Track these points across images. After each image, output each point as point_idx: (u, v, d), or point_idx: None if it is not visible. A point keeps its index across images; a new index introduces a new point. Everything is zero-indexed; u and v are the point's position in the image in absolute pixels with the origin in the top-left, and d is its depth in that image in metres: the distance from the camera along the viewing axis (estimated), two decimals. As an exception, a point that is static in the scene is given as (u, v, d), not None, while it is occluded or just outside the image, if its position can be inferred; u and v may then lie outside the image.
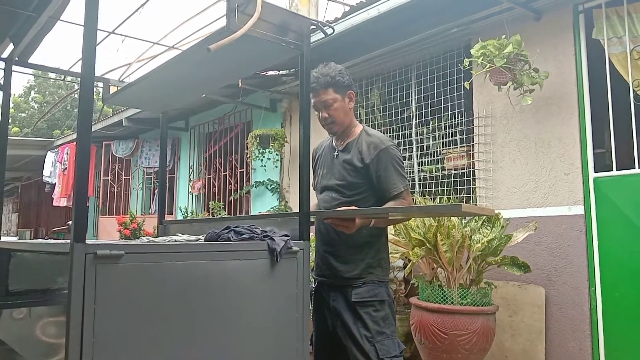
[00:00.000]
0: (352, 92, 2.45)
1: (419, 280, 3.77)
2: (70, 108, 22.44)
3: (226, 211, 7.36)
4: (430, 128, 4.96)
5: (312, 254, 2.86)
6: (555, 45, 3.97)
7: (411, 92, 5.16)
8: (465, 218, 3.71)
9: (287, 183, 6.60)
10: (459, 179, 4.62)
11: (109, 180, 9.82)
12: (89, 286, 1.38)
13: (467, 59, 3.89)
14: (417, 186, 4.99)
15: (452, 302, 3.43)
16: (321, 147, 2.64)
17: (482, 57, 3.72)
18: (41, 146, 11.25)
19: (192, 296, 1.60)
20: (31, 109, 24.81)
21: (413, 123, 5.11)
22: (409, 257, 3.66)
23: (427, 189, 4.89)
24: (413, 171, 5.05)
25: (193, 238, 2.21)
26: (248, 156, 6.71)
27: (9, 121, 2.80)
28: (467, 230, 3.47)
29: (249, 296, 1.75)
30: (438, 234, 3.42)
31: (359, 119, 4.10)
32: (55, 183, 10.51)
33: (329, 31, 2.18)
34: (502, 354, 3.87)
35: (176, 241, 2.06)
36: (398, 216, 2.45)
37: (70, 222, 6.39)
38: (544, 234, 3.89)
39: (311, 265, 2.49)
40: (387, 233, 2.50)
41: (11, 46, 2.68)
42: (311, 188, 2.29)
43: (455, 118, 4.73)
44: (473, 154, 4.52)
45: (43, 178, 10.99)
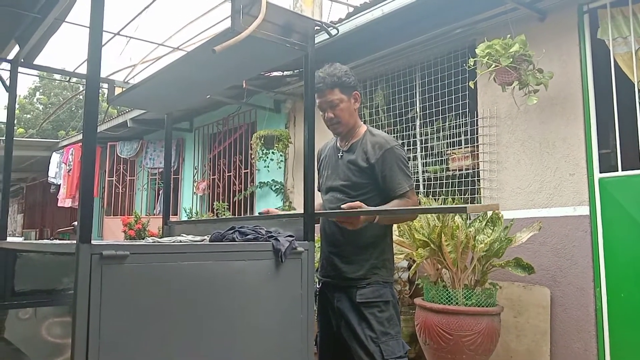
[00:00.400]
0: (358, 93, 2.46)
1: (424, 281, 3.77)
2: (75, 109, 22.52)
3: (231, 212, 7.37)
4: (434, 128, 4.95)
5: (317, 255, 2.87)
6: (559, 45, 3.96)
7: (415, 93, 5.16)
8: (469, 218, 3.71)
9: (292, 184, 6.61)
10: (464, 180, 4.61)
11: (114, 181, 9.85)
12: (95, 286, 1.38)
13: (472, 59, 3.89)
14: (422, 187, 4.99)
15: (457, 303, 3.43)
16: (326, 148, 2.64)
17: (488, 57, 3.71)
18: (46, 147, 11.29)
19: (197, 297, 1.61)
20: (36, 110, 24.90)
21: (417, 124, 5.11)
22: (414, 258, 3.66)
23: (432, 190, 4.89)
24: (417, 172, 5.04)
25: (198, 239, 2.21)
26: (252, 157, 6.72)
27: (14, 122, 2.81)
28: (472, 230, 3.46)
29: (254, 297, 1.76)
30: (442, 235, 3.41)
31: (363, 120, 4.10)
32: (60, 184, 10.54)
33: (333, 32, 2.18)
34: (507, 355, 3.86)
35: (181, 242, 2.07)
36: (403, 215, 2.46)
37: (75, 223, 6.41)
38: (549, 235, 3.87)
39: (315, 265, 2.50)
40: (392, 233, 2.50)
41: (17, 48, 2.69)
42: (315, 189, 2.29)
43: (459, 118, 4.73)
44: (477, 155, 4.51)
45: (48, 179, 11.03)
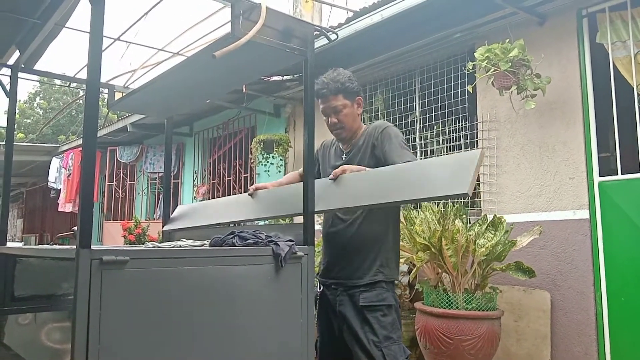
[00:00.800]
0: (360, 98, 2.47)
1: (424, 285, 3.76)
2: (75, 114, 22.54)
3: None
4: (434, 132, 4.96)
5: (317, 259, 2.86)
6: (559, 49, 3.97)
7: (415, 97, 5.17)
8: (469, 222, 3.71)
9: (291, 188, 6.59)
10: (463, 184, 4.59)
11: (114, 185, 9.85)
12: (95, 292, 1.38)
13: (471, 63, 3.90)
14: (422, 191, 4.98)
15: (457, 307, 3.42)
16: (327, 146, 2.65)
17: (487, 61, 3.72)
18: (46, 152, 11.30)
19: (197, 302, 1.61)
20: (36, 115, 24.93)
21: (417, 128, 5.11)
22: (414, 262, 3.65)
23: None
24: (417, 176, 5.03)
25: (198, 243, 2.21)
26: (252, 161, 6.72)
27: (15, 127, 2.81)
28: (472, 234, 3.46)
29: (254, 301, 1.75)
30: (443, 239, 3.41)
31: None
32: (60, 189, 10.54)
33: (333, 37, 2.19)
34: (508, 359, 3.85)
35: (181, 246, 2.07)
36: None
37: (75, 228, 6.40)
38: (549, 239, 3.87)
39: (316, 270, 2.49)
40: (397, 231, 2.47)
41: (17, 53, 2.69)
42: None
43: (459, 122, 4.73)
44: (477, 159, 4.51)
45: (48, 184, 11.03)
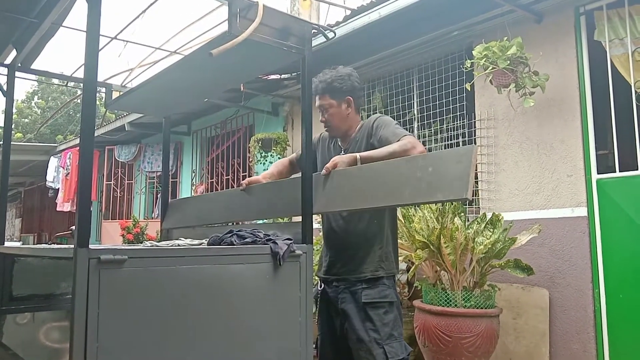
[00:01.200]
0: (350, 98, 2.45)
1: (423, 283, 3.76)
2: (73, 113, 22.52)
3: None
4: (432, 130, 4.96)
5: (316, 256, 2.86)
6: (556, 47, 3.97)
7: (413, 95, 5.16)
8: (468, 220, 3.71)
9: (290, 186, 6.59)
10: (462, 182, 4.60)
11: (112, 184, 9.83)
12: (93, 291, 1.38)
13: (469, 61, 3.89)
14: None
15: (456, 305, 3.42)
16: (324, 139, 2.64)
17: (485, 59, 3.72)
18: (44, 151, 11.28)
19: (196, 300, 1.61)
20: (34, 115, 24.89)
21: (415, 126, 5.11)
22: (412, 260, 3.65)
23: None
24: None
25: (196, 242, 2.21)
26: (250, 160, 6.72)
27: (12, 126, 2.81)
28: (470, 232, 3.46)
29: (252, 300, 1.75)
30: (441, 237, 3.41)
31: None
32: (58, 188, 10.53)
33: (330, 35, 2.19)
34: (506, 357, 3.86)
35: (179, 245, 2.07)
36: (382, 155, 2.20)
37: (73, 227, 6.39)
38: (547, 236, 3.88)
39: (315, 268, 2.50)
40: (395, 224, 2.48)
41: (14, 52, 2.69)
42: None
43: (457, 120, 4.73)
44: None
45: (46, 183, 11.01)
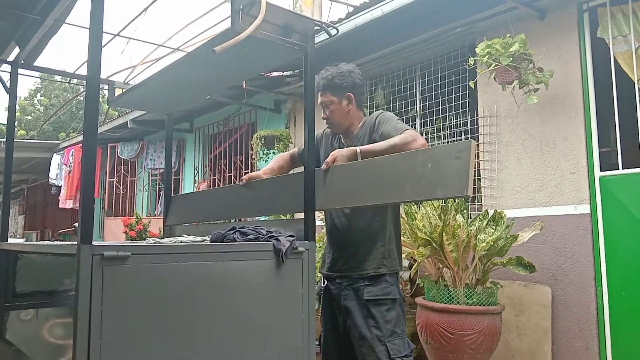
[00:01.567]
0: (351, 94, 2.44)
1: (425, 280, 3.77)
2: (75, 110, 22.54)
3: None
4: (435, 128, 4.95)
5: (319, 253, 2.86)
6: (559, 44, 3.96)
7: (415, 92, 5.16)
8: (470, 217, 3.70)
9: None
10: (464, 179, 4.59)
11: (115, 182, 9.85)
12: (96, 287, 1.39)
13: (472, 58, 3.89)
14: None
15: (458, 302, 3.43)
16: (327, 135, 2.64)
17: (488, 56, 3.71)
18: (47, 148, 11.31)
19: (198, 297, 1.61)
20: (37, 112, 24.93)
21: (418, 123, 5.10)
22: (415, 257, 3.65)
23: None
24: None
25: (199, 239, 2.22)
26: (253, 157, 6.72)
27: (15, 124, 2.81)
28: (473, 229, 3.46)
29: (255, 297, 1.76)
30: (444, 234, 3.41)
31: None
32: (61, 185, 10.56)
33: (333, 32, 2.19)
34: (509, 354, 3.86)
35: (182, 242, 2.07)
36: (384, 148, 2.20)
37: (76, 224, 6.41)
38: (550, 233, 3.87)
39: (317, 265, 2.50)
40: (397, 220, 2.47)
41: (17, 49, 2.69)
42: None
43: (459, 118, 4.72)
44: (478, 154, 4.51)
45: (49, 180, 11.04)
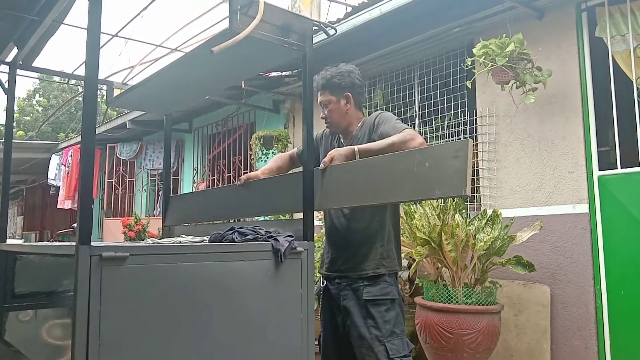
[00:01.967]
0: (349, 94, 2.45)
1: (424, 279, 3.77)
2: (74, 111, 22.52)
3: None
4: (433, 127, 4.96)
5: (318, 253, 2.86)
6: (558, 44, 3.96)
7: (414, 92, 5.16)
8: (469, 216, 3.71)
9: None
10: (463, 178, 4.59)
11: (113, 182, 9.84)
12: (95, 288, 1.38)
13: (470, 58, 3.89)
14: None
15: (457, 302, 3.43)
16: (327, 135, 2.64)
17: (484, 56, 3.72)
18: (46, 149, 11.30)
19: (197, 297, 1.61)
20: (35, 112, 24.90)
21: (416, 123, 5.11)
22: (414, 257, 3.66)
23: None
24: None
25: (197, 239, 2.22)
26: (252, 157, 6.72)
27: (14, 124, 2.81)
28: (471, 229, 3.46)
29: (254, 297, 1.76)
30: (442, 234, 3.41)
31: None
32: (59, 186, 10.55)
33: (331, 32, 2.19)
34: (508, 353, 3.86)
35: (181, 242, 2.07)
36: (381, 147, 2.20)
37: (75, 225, 6.41)
38: (549, 233, 3.87)
39: (316, 265, 2.50)
40: (397, 220, 2.47)
41: (15, 50, 2.69)
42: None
43: (458, 117, 4.73)
44: (476, 153, 4.51)
45: (48, 181, 11.03)
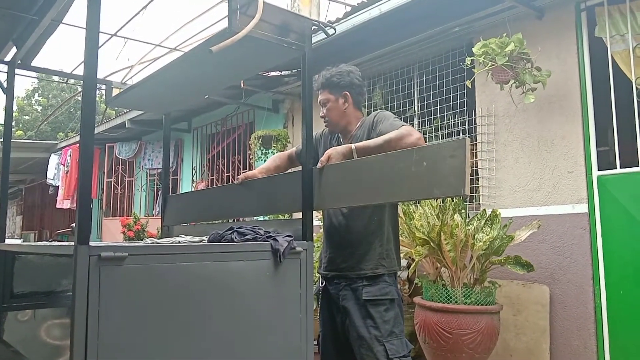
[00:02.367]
0: (347, 93, 2.46)
1: (423, 279, 3.77)
2: (73, 110, 22.50)
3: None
4: (432, 127, 4.96)
5: (317, 253, 2.86)
6: (557, 43, 3.96)
7: (413, 92, 5.16)
8: (468, 216, 3.71)
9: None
10: (462, 178, 4.59)
11: (112, 182, 9.84)
12: (93, 288, 1.38)
13: (469, 58, 3.89)
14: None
15: (456, 302, 3.43)
16: (325, 135, 2.64)
17: (484, 56, 3.72)
18: (45, 149, 11.29)
19: (196, 297, 1.61)
20: (34, 112, 24.88)
21: (416, 122, 5.11)
22: (413, 257, 3.65)
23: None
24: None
25: (197, 239, 2.21)
26: (251, 157, 6.72)
27: (13, 124, 2.81)
28: (470, 229, 3.46)
29: (253, 297, 1.76)
30: (442, 233, 3.41)
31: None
32: (58, 185, 10.54)
33: (331, 31, 2.19)
34: (507, 353, 3.86)
35: (180, 242, 2.07)
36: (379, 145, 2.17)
37: (74, 224, 6.40)
38: (548, 233, 3.88)
39: (315, 266, 2.49)
40: (396, 219, 2.47)
41: (14, 49, 2.69)
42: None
43: (457, 117, 4.72)
44: (476, 153, 4.51)
45: (47, 180, 11.03)
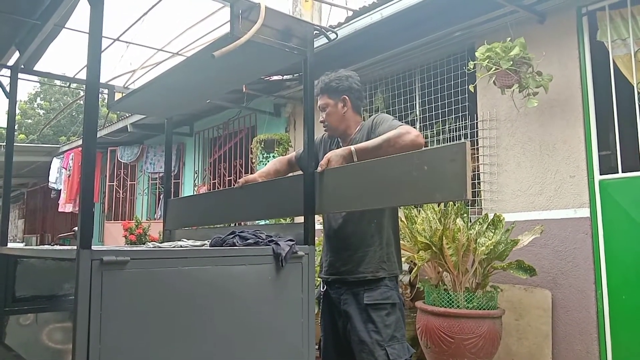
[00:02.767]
0: (346, 97, 2.46)
1: (425, 284, 3.76)
2: (75, 114, 22.55)
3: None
4: (434, 132, 4.96)
5: (318, 257, 2.86)
6: (559, 48, 3.96)
7: (415, 96, 5.16)
8: (470, 221, 3.70)
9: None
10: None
11: (115, 185, 9.85)
12: (95, 292, 1.38)
13: (472, 62, 3.89)
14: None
15: (458, 306, 3.42)
16: (326, 140, 2.64)
17: (488, 60, 3.71)
18: (47, 152, 11.30)
19: (198, 301, 1.61)
20: (37, 116, 24.94)
21: (417, 127, 5.11)
22: (415, 261, 3.65)
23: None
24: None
25: (198, 243, 2.21)
26: (253, 161, 6.72)
27: (15, 128, 2.82)
28: (473, 233, 3.46)
29: (255, 301, 1.75)
30: (444, 238, 3.41)
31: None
32: (61, 189, 10.55)
33: (332, 36, 2.19)
34: (509, 358, 3.85)
35: (182, 247, 2.07)
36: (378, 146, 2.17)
37: (76, 228, 6.41)
38: (550, 237, 3.87)
39: (317, 269, 2.49)
40: (396, 222, 2.46)
41: (17, 54, 2.70)
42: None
43: (459, 121, 4.73)
44: (477, 157, 4.51)
45: (49, 184, 11.04)
